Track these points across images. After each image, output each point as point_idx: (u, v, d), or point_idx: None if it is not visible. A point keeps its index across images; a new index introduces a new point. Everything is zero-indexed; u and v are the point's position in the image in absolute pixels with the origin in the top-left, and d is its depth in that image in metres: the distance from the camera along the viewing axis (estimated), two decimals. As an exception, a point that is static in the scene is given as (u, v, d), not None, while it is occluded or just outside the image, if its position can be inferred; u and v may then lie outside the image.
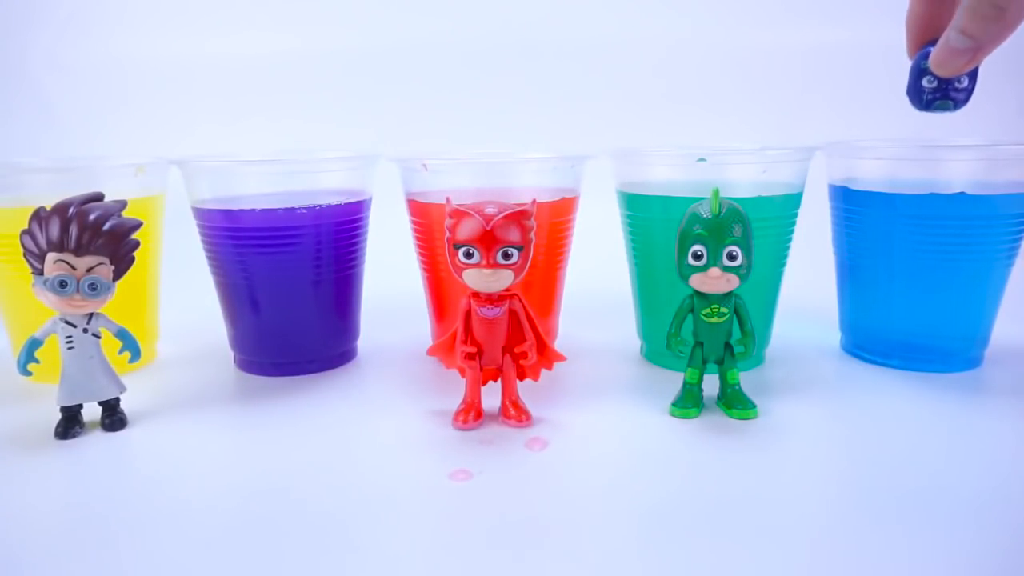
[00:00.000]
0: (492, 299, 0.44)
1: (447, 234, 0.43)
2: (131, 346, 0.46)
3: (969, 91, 0.43)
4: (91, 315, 0.44)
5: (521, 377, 0.47)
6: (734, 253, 0.43)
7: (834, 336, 0.61)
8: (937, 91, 0.43)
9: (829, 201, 0.58)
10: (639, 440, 0.44)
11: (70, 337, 0.44)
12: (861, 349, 0.57)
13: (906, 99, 0.48)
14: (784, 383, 0.52)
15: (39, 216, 0.42)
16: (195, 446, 0.44)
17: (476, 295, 0.44)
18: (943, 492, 0.37)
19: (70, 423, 0.45)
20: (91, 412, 0.46)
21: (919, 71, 0.43)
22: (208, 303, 0.59)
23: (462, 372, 0.47)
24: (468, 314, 0.45)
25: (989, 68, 0.44)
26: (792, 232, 0.55)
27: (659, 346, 0.54)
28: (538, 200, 0.44)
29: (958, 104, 0.44)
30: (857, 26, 1.05)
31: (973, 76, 0.43)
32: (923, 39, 0.43)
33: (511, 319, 0.45)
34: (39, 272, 0.42)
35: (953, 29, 0.39)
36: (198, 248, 0.56)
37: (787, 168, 0.53)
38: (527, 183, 0.55)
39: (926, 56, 0.43)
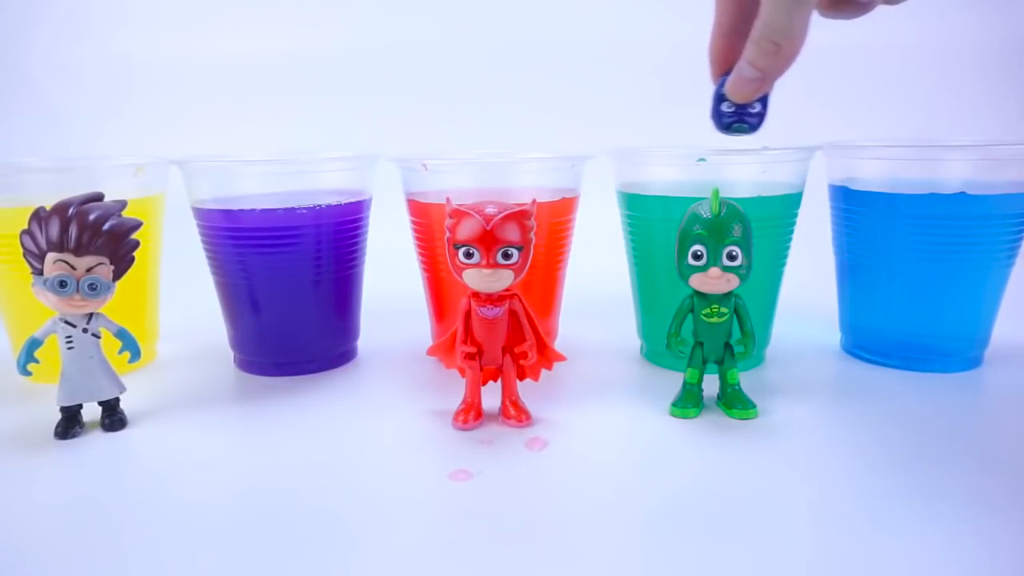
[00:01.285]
0: (492, 299, 0.44)
1: (447, 234, 0.43)
2: (131, 346, 0.46)
3: (761, 115, 0.48)
4: (91, 315, 0.44)
5: (521, 377, 0.47)
6: (734, 253, 0.43)
7: (834, 336, 0.61)
8: (734, 115, 0.47)
9: (829, 201, 0.58)
10: (639, 440, 0.44)
11: (70, 337, 0.44)
12: (861, 349, 0.57)
13: (905, 99, 0.49)
14: (784, 383, 0.52)
15: (39, 216, 0.42)
16: (195, 446, 0.44)
17: (476, 295, 0.44)
18: (943, 492, 0.37)
19: (70, 423, 0.45)
20: (91, 412, 0.46)
21: (719, 97, 0.47)
22: (208, 303, 0.59)
23: (462, 372, 0.47)
24: (468, 314, 0.45)
25: (989, 68, 0.44)
26: (792, 232, 0.55)
27: (659, 346, 0.54)
28: (538, 200, 0.44)
29: (753, 128, 0.48)
30: (857, 26, 1.05)
31: (764, 102, 0.47)
32: (722, 68, 0.48)
33: (511, 319, 0.45)
34: (39, 272, 0.42)
35: (743, 61, 0.43)
36: (198, 248, 0.56)
37: (787, 168, 0.53)
38: (527, 183, 0.55)
39: (723, 84, 0.47)
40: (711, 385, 0.48)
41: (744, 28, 0.44)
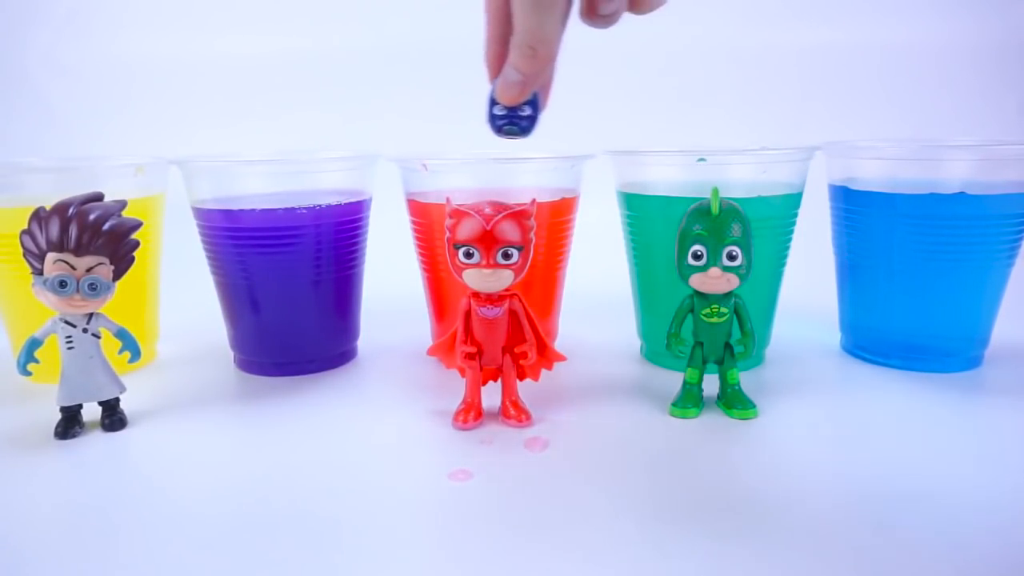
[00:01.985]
0: (492, 299, 0.44)
1: (447, 234, 0.43)
2: (131, 346, 0.46)
3: (532, 118, 0.49)
4: (91, 315, 0.44)
5: (521, 377, 0.47)
6: (734, 253, 0.43)
7: (834, 336, 0.61)
8: (505, 118, 0.49)
9: (829, 201, 0.58)
10: (639, 440, 0.44)
11: (70, 337, 0.44)
12: (861, 349, 0.57)
13: (905, 99, 0.50)
14: (784, 383, 0.52)
15: (39, 216, 0.42)
16: (195, 446, 0.44)
17: (476, 295, 0.44)
18: (943, 492, 0.37)
19: (70, 423, 0.45)
20: (91, 412, 0.46)
21: (491, 101, 0.49)
22: (208, 303, 0.59)
23: (462, 372, 0.47)
24: (468, 314, 0.45)
25: (989, 68, 0.44)
26: (792, 232, 0.55)
27: (659, 346, 0.54)
28: (538, 200, 0.44)
29: (524, 130, 0.49)
30: (857, 26, 1.05)
31: (534, 106, 0.49)
32: (496, 73, 0.49)
33: (511, 319, 0.45)
34: (39, 272, 0.42)
35: (508, 65, 0.46)
36: (198, 248, 0.56)
37: (787, 168, 0.53)
38: (527, 183, 0.55)
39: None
40: (711, 385, 0.48)
41: (511, 35, 0.46)
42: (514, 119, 0.49)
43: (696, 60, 1.07)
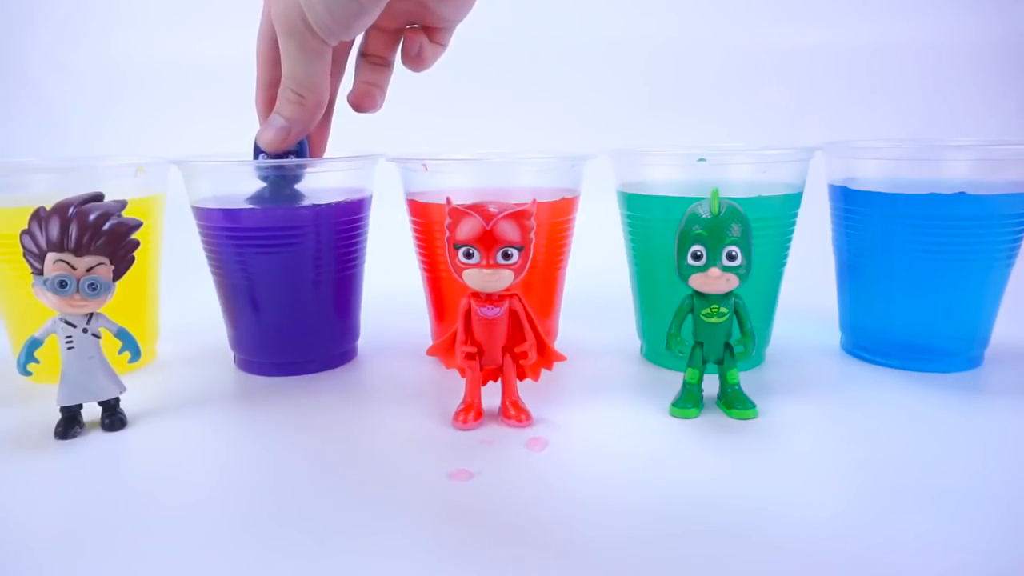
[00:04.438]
0: (492, 299, 0.44)
1: (447, 234, 0.43)
2: (131, 346, 0.46)
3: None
4: (91, 315, 0.44)
5: (521, 377, 0.47)
6: (733, 253, 0.43)
7: (834, 336, 0.61)
8: None
9: (829, 201, 0.58)
10: (639, 440, 0.44)
11: (70, 337, 0.44)
12: (861, 349, 0.57)
13: (905, 99, 0.50)
14: (784, 383, 0.52)
15: (39, 216, 0.42)
16: (195, 446, 0.44)
17: (476, 295, 0.44)
18: (943, 492, 0.37)
19: (70, 423, 0.45)
20: (91, 412, 0.46)
21: (256, 149, 0.50)
22: (208, 303, 0.59)
23: (462, 372, 0.47)
24: (468, 314, 0.45)
25: (989, 68, 0.44)
26: (792, 232, 0.55)
27: (659, 346, 0.54)
28: (538, 200, 0.44)
29: (287, 180, 0.51)
30: (857, 26, 1.05)
31: (301, 155, 0.51)
32: (266, 119, 0.50)
33: (511, 319, 0.45)
34: (39, 272, 0.42)
35: (275, 111, 0.47)
36: (198, 248, 0.56)
37: (787, 168, 0.53)
38: (527, 183, 0.55)
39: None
40: (711, 385, 0.48)
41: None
42: None
43: (696, 60, 1.07)
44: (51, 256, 0.42)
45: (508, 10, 1.06)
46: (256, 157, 0.50)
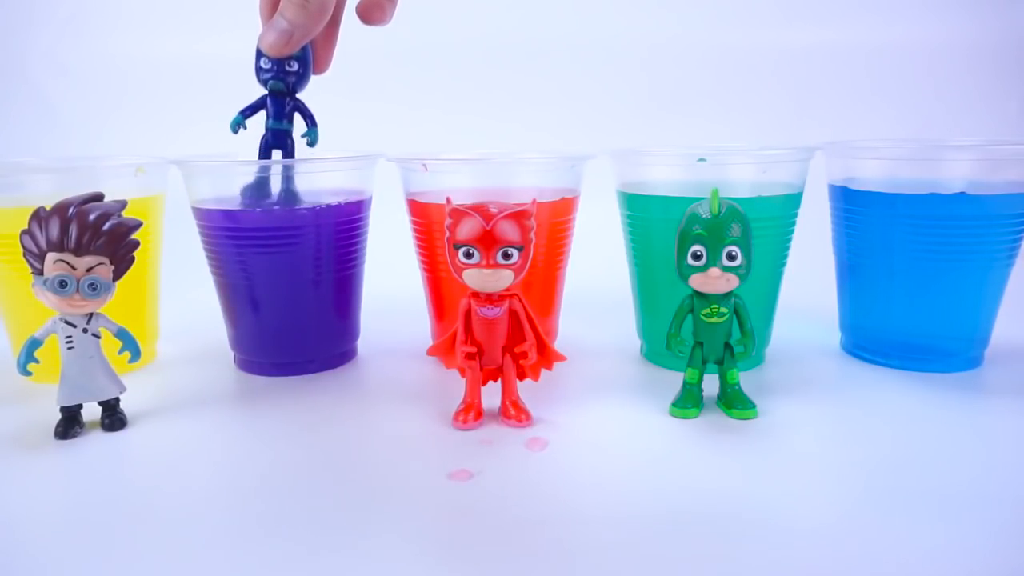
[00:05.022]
0: (492, 299, 0.44)
1: (447, 234, 0.43)
2: (131, 346, 0.46)
3: (300, 75, 0.48)
4: (91, 315, 0.44)
5: (521, 377, 0.47)
6: (733, 253, 0.43)
7: (834, 336, 0.61)
8: (270, 71, 0.48)
9: (829, 201, 0.58)
10: (639, 440, 0.44)
11: (70, 337, 0.44)
12: (861, 349, 0.57)
13: (905, 99, 0.50)
14: (784, 383, 0.52)
15: (39, 216, 0.42)
16: (195, 446, 0.44)
17: (476, 295, 0.44)
18: (943, 492, 0.37)
19: (70, 423, 0.45)
20: (91, 412, 0.46)
21: (257, 53, 0.48)
22: (208, 303, 0.59)
23: (462, 372, 0.47)
24: (468, 314, 0.45)
25: (990, 69, 0.44)
26: (792, 232, 0.55)
27: (659, 346, 0.54)
28: (538, 200, 0.44)
29: (291, 86, 0.48)
30: (857, 26, 1.05)
31: (304, 63, 0.48)
32: None
33: (511, 319, 0.45)
34: (39, 272, 0.42)
35: (277, 14, 0.46)
36: (198, 248, 0.56)
37: (787, 168, 0.53)
38: (527, 183, 0.55)
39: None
40: (711, 385, 0.48)
41: None
42: (280, 74, 0.48)
43: (696, 60, 1.07)
44: (51, 256, 0.42)
45: (508, 10, 1.06)
46: (257, 63, 0.49)
